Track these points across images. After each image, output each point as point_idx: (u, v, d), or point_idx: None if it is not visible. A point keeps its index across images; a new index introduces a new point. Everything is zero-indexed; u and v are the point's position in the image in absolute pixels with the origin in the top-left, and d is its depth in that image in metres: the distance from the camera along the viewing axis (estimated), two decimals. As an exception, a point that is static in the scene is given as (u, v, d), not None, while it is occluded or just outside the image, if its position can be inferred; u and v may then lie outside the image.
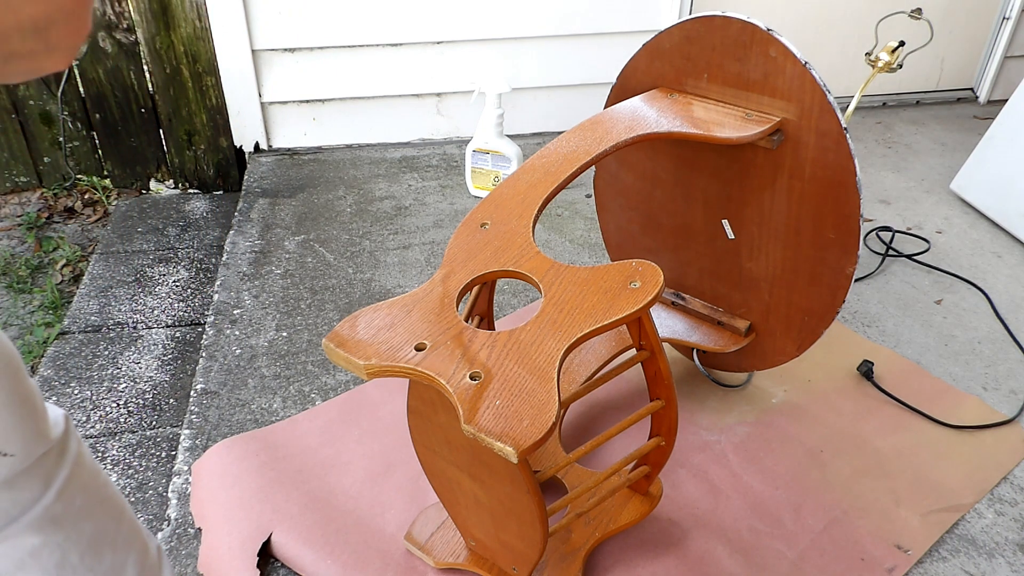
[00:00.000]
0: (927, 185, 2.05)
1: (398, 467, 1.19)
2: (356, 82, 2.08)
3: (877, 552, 1.09)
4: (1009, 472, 1.22)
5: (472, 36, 2.06)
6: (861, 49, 2.30)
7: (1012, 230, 1.81)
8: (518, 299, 1.58)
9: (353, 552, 1.06)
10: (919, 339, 1.50)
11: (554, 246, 1.77)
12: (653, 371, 0.96)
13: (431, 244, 1.75)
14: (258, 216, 1.83)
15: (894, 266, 1.72)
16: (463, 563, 1.02)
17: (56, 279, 1.79)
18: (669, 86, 1.17)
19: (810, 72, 1.01)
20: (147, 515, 1.16)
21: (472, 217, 0.96)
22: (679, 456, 1.23)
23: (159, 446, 1.28)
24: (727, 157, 1.15)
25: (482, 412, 0.72)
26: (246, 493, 1.13)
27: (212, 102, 2.03)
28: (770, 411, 1.32)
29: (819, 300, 1.14)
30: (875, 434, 1.28)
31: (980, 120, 2.40)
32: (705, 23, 1.08)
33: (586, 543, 1.04)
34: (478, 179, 1.95)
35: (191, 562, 1.06)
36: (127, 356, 1.47)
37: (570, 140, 1.05)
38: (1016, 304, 1.60)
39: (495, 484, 0.87)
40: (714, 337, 1.27)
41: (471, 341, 0.80)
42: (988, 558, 1.09)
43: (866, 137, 2.30)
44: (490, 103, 1.84)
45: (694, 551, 1.08)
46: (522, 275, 0.88)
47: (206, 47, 1.95)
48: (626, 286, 0.83)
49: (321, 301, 1.56)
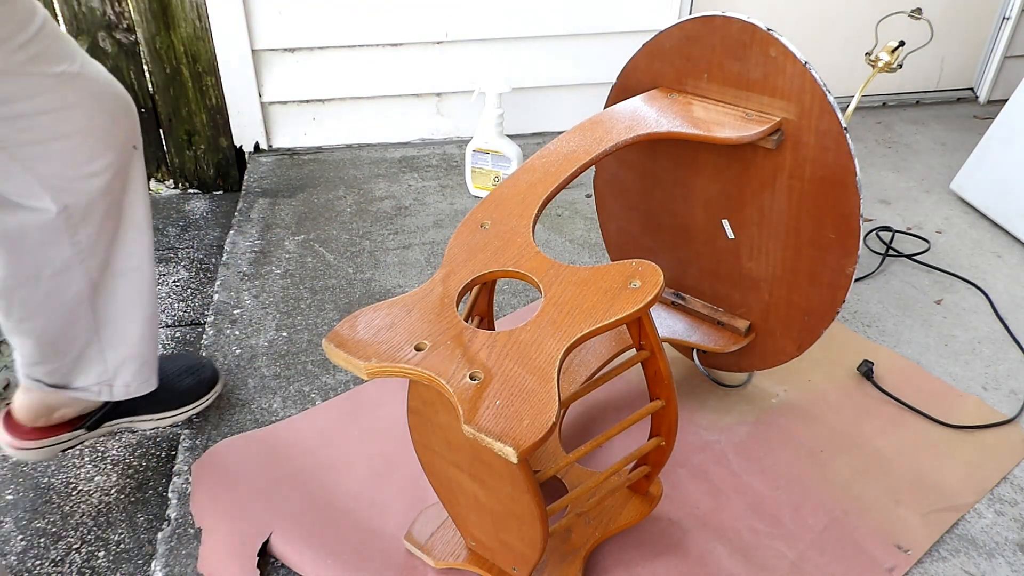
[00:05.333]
0: (927, 185, 2.05)
1: (398, 467, 1.19)
2: (356, 82, 2.08)
3: (877, 552, 1.09)
4: (1009, 472, 1.22)
5: (472, 36, 2.07)
6: (861, 49, 2.30)
7: (1012, 230, 1.81)
8: (518, 299, 1.58)
9: (353, 552, 1.06)
10: (919, 339, 1.50)
11: (554, 246, 1.77)
12: (653, 371, 0.96)
13: (431, 244, 1.75)
14: (258, 216, 1.83)
15: (894, 266, 1.72)
16: (463, 563, 1.02)
17: (56, 279, 1.80)
18: (669, 86, 1.17)
19: (810, 72, 1.01)
20: (147, 515, 1.16)
21: (472, 217, 0.96)
22: (679, 456, 1.23)
23: (159, 446, 1.28)
24: (727, 157, 1.15)
25: (482, 412, 0.72)
26: (246, 493, 1.14)
27: (212, 102, 2.03)
28: (770, 411, 1.32)
29: (819, 300, 1.14)
30: (875, 434, 1.28)
31: (980, 120, 2.40)
32: (705, 23, 1.08)
33: (586, 543, 1.04)
34: (478, 179, 1.95)
35: (191, 562, 1.06)
36: (127, 356, 1.47)
37: (570, 140, 1.05)
38: (1016, 304, 1.60)
39: (495, 484, 0.87)
40: (714, 337, 1.27)
41: (471, 341, 0.80)
42: (988, 558, 1.09)
43: (866, 137, 2.30)
44: (490, 103, 1.84)
45: (694, 551, 1.08)
46: (522, 275, 0.88)
47: (206, 47, 1.95)
48: (626, 286, 0.83)
49: (321, 301, 1.56)
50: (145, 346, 1.10)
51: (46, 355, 1.05)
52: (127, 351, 1.08)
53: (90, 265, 0.99)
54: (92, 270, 0.99)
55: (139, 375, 1.10)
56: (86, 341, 1.05)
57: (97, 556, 1.11)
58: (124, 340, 1.07)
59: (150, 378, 1.12)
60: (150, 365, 1.12)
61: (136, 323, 1.08)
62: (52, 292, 0.98)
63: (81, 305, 1.01)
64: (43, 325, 1.02)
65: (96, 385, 1.08)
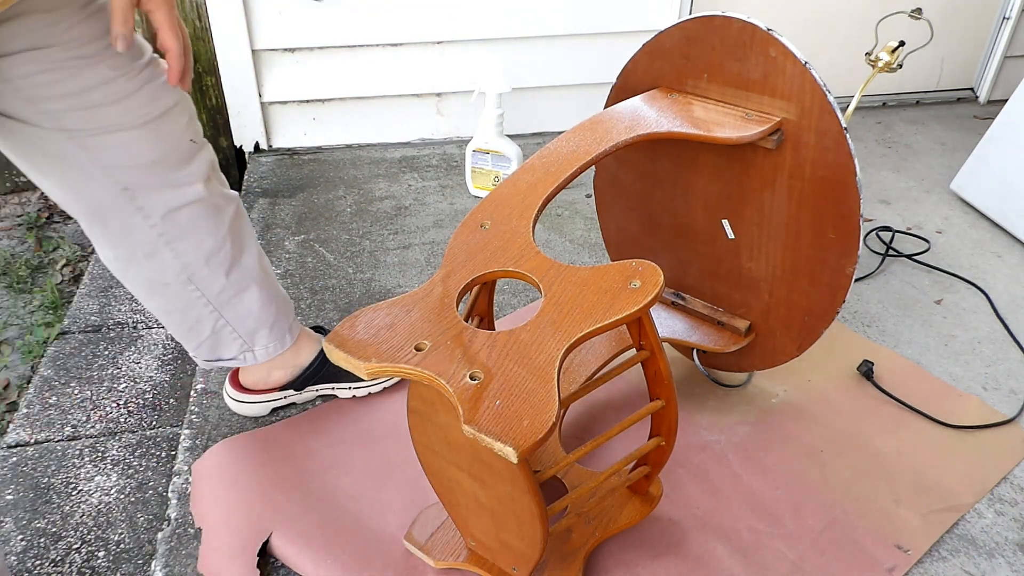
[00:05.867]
0: (927, 185, 2.05)
1: (398, 467, 1.19)
2: (356, 82, 2.08)
3: (877, 552, 1.09)
4: (1009, 472, 1.22)
5: (472, 36, 2.07)
6: (861, 49, 2.30)
7: (1012, 230, 1.81)
8: (518, 299, 1.58)
9: (353, 552, 1.06)
10: (919, 339, 1.50)
11: (554, 246, 1.77)
12: (653, 371, 0.96)
13: (431, 244, 1.75)
14: (258, 216, 1.83)
15: (894, 266, 1.72)
16: (463, 563, 1.02)
17: (56, 279, 1.79)
18: (669, 86, 1.17)
19: (810, 72, 1.01)
20: (147, 515, 1.16)
21: (472, 217, 0.96)
22: (679, 456, 1.23)
23: (159, 446, 1.28)
24: (727, 157, 1.15)
25: (482, 412, 0.72)
26: (246, 493, 1.14)
27: (212, 102, 2.03)
28: (770, 411, 1.32)
29: (819, 300, 1.14)
30: (875, 434, 1.28)
31: (980, 120, 2.40)
32: (705, 23, 1.08)
33: (586, 543, 1.04)
34: (478, 179, 1.95)
35: (191, 562, 1.06)
36: (127, 356, 1.47)
37: (570, 140, 1.05)
38: (1016, 304, 1.60)
39: (495, 484, 0.87)
40: (714, 337, 1.27)
41: (471, 341, 0.80)
42: (988, 558, 1.09)
43: (866, 137, 2.30)
44: (490, 103, 1.84)
45: (694, 551, 1.08)
46: (522, 275, 0.88)
47: (206, 47, 1.95)
48: (626, 286, 0.83)
49: (321, 301, 1.56)
50: (267, 311, 1.17)
51: (183, 333, 1.15)
52: (253, 323, 1.17)
53: (179, 249, 1.04)
54: (183, 254, 1.05)
55: (273, 337, 1.20)
56: (214, 322, 1.13)
57: (97, 556, 1.11)
58: (248, 314, 1.15)
59: (284, 336, 1.21)
60: (280, 324, 1.20)
61: (252, 295, 1.14)
62: (153, 273, 1.06)
63: (187, 287, 1.08)
64: (163, 306, 1.10)
65: (240, 354, 1.19)
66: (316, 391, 1.30)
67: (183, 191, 1.01)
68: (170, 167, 0.99)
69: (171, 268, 1.05)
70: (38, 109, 0.88)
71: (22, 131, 0.90)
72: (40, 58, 0.85)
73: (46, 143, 0.91)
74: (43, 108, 0.88)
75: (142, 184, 0.98)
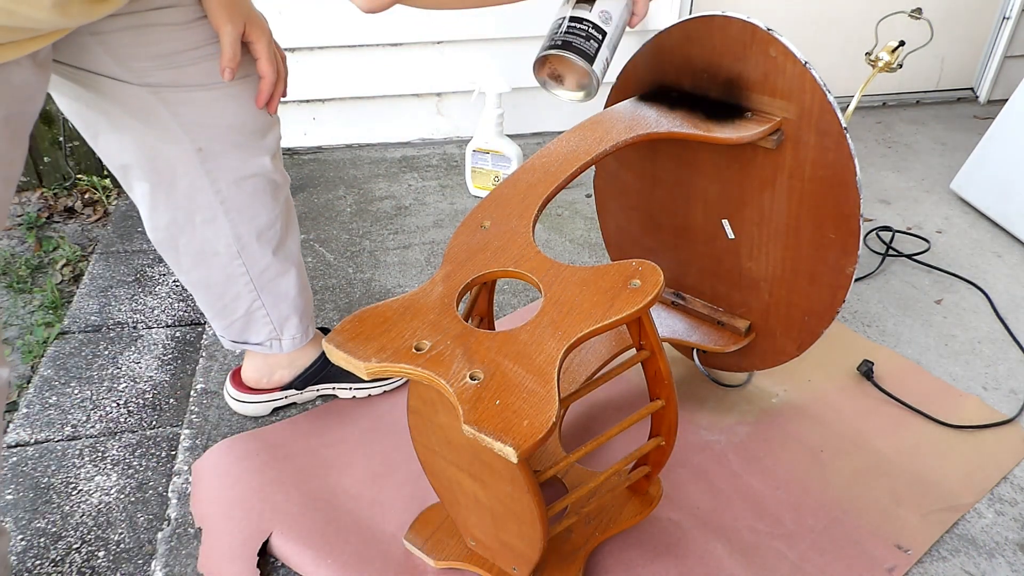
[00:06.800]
0: (927, 185, 2.05)
1: (398, 467, 1.19)
2: (356, 82, 2.08)
3: (877, 552, 1.09)
4: (1009, 472, 1.22)
5: (472, 36, 2.07)
6: (861, 49, 2.30)
7: (1012, 230, 1.81)
8: (518, 299, 1.58)
9: (353, 552, 1.06)
10: (919, 339, 1.50)
11: (554, 246, 1.77)
12: (653, 371, 0.96)
13: (431, 244, 1.75)
14: (258, 216, 1.83)
15: (894, 266, 1.72)
16: (463, 563, 1.02)
17: (56, 279, 1.79)
18: (669, 86, 1.16)
19: (810, 72, 1.01)
20: (147, 515, 1.16)
21: (472, 217, 0.96)
22: (679, 456, 1.23)
23: (159, 446, 1.28)
24: (727, 157, 1.15)
25: (482, 412, 0.72)
26: (246, 493, 1.14)
27: (212, 102, 2.03)
28: (770, 411, 1.32)
29: (819, 300, 1.14)
30: (875, 434, 1.28)
31: (980, 120, 2.40)
32: (705, 23, 1.08)
33: (586, 543, 1.04)
34: (478, 179, 1.95)
35: (191, 562, 1.06)
36: (127, 356, 1.47)
37: (570, 140, 1.05)
38: (1016, 304, 1.60)
39: (495, 484, 0.87)
40: (714, 337, 1.27)
41: (471, 341, 0.80)
42: (988, 558, 1.09)
43: (866, 137, 2.30)
44: (490, 103, 1.84)
45: (694, 551, 1.08)
46: (522, 275, 0.88)
47: (206, 47, 1.95)
48: (626, 286, 0.83)
49: (321, 301, 1.56)
50: (301, 298, 1.20)
51: (216, 310, 1.17)
52: (287, 308, 1.19)
53: (235, 219, 1.07)
54: (237, 224, 1.07)
55: (300, 327, 1.23)
56: (250, 302, 1.16)
57: (97, 556, 1.11)
58: (284, 297, 1.18)
59: (308, 328, 1.25)
60: (308, 316, 1.24)
61: (291, 279, 1.17)
62: (206, 242, 1.08)
63: (234, 261, 1.11)
64: (207, 275, 1.13)
65: (267, 340, 1.21)
66: (317, 391, 1.31)
67: (252, 162, 1.04)
68: (246, 133, 1.02)
69: (225, 237, 1.08)
70: (126, 67, 0.91)
71: (106, 87, 0.92)
72: (135, 21, 0.88)
73: (129, 97, 0.93)
74: (130, 66, 0.91)
75: (216, 147, 1.00)
